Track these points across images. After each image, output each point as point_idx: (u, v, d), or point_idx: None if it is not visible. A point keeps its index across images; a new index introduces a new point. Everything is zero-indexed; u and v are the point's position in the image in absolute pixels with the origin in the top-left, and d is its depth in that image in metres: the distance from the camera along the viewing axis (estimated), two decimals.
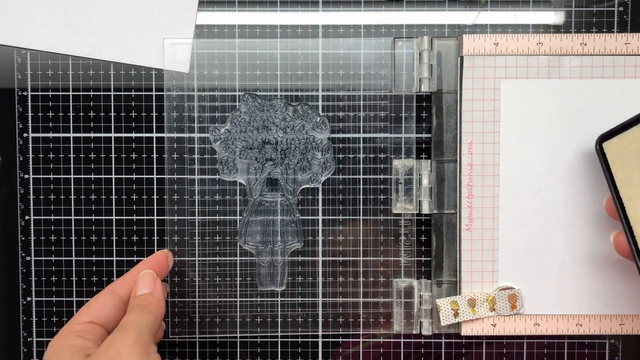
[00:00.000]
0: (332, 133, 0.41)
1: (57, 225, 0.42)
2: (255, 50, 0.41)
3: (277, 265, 0.42)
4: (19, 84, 0.41)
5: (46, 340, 0.42)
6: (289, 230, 0.41)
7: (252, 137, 0.41)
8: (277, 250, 0.41)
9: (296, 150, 0.41)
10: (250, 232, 0.41)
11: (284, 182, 0.41)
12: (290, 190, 0.41)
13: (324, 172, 0.41)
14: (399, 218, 0.41)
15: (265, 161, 0.41)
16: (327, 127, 0.41)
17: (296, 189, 0.41)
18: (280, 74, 0.41)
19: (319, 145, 0.41)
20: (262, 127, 0.41)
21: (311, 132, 0.41)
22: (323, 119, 0.41)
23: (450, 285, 0.41)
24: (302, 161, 0.41)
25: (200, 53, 0.41)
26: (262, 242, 0.41)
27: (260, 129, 0.41)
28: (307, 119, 0.41)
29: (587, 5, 0.41)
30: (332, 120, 0.41)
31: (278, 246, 0.41)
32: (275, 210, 0.41)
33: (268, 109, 0.41)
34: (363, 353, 0.42)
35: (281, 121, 0.41)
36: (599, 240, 0.40)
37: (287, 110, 0.41)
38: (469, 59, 0.40)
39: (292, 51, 0.41)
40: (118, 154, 0.42)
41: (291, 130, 0.41)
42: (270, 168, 0.41)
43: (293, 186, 0.41)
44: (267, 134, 0.41)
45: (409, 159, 0.41)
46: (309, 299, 0.42)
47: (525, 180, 0.40)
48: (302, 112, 0.41)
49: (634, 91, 0.40)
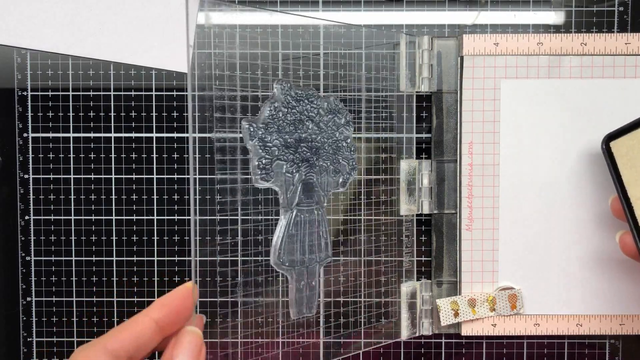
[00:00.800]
0: None
1: (57, 225, 0.42)
2: (256, 50, 0.41)
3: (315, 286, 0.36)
4: (19, 84, 0.41)
5: (46, 340, 0.42)
6: (322, 243, 0.36)
7: (288, 134, 0.34)
8: (313, 269, 0.35)
9: (329, 149, 0.35)
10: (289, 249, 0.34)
11: (318, 186, 0.35)
12: (322, 196, 0.35)
13: (352, 174, 0.37)
14: (401, 219, 0.41)
15: (300, 163, 0.35)
16: (352, 125, 0.38)
17: (325, 195, 0.36)
18: (280, 74, 0.41)
19: (349, 144, 0.36)
20: (298, 122, 0.35)
21: (342, 129, 0.36)
22: (350, 115, 0.37)
23: (451, 285, 0.41)
24: (334, 162, 0.36)
25: (200, 54, 0.41)
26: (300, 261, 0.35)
27: (297, 124, 0.35)
28: (339, 114, 0.36)
29: (587, 5, 0.41)
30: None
31: (314, 264, 0.35)
32: (312, 221, 0.35)
33: (303, 99, 0.35)
34: (363, 353, 0.42)
35: (316, 115, 0.35)
36: (599, 240, 0.40)
37: (321, 102, 0.35)
38: (469, 59, 0.40)
39: (293, 51, 0.41)
40: (118, 154, 0.42)
41: (325, 126, 0.35)
42: (306, 170, 0.35)
43: (325, 191, 0.36)
44: (302, 131, 0.35)
45: (412, 159, 0.41)
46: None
47: (525, 180, 0.40)
48: (335, 105, 0.36)
49: (634, 91, 0.40)
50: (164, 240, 0.42)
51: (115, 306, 0.42)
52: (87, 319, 0.42)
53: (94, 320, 0.42)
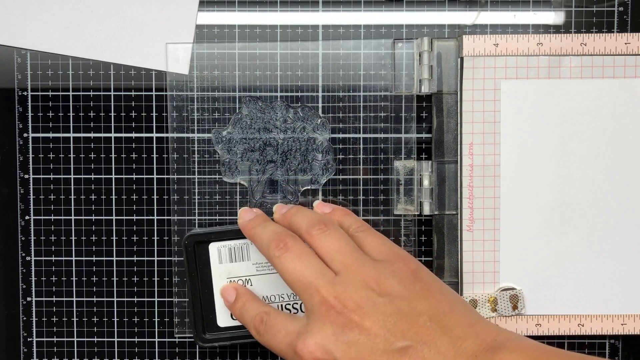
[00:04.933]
0: (332, 133, 0.41)
1: (57, 225, 0.42)
2: (255, 50, 0.41)
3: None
4: (19, 84, 0.41)
5: (46, 340, 0.42)
6: None
7: (253, 140, 0.41)
8: None
9: (297, 152, 0.41)
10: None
11: (285, 183, 0.41)
12: (291, 191, 0.41)
13: (324, 174, 0.41)
14: (399, 219, 0.41)
15: (266, 163, 0.41)
16: (328, 128, 0.41)
17: (297, 191, 0.41)
18: (280, 74, 0.41)
19: (319, 146, 0.41)
20: (263, 129, 0.41)
21: (312, 133, 0.41)
22: (323, 120, 0.41)
23: (452, 286, 0.41)
24: (303, 163, 0.41)
25: (200, 54, 0.41)
26: None
27: (262, 131, 0.41)
28: (308, 121, 0.41)
29: (587, 5, 0.41)
30: (332, 121, 0.41)
31: None
32: None
33: (269, 111, 0.41)
34: None
35: (282, 123, 0.41)
36: (601, 240, 0.40)
37: (287, 112, 0.41)
38: (469, 60, 0.40)
39: (292, 51, 0.41)
40: (118, 154, 0.42)
41: (292, 132, 0.41)
42: (272, 170, 0.41)
43: (294, 187, 0.41)
44: (268, 136, 0.41)
45: (409, 159, 0.41)
46: None
47: (526, 180, 0.40)
48: (303, 114, 0.41)
49: (634, 91, 0.40)
50: (164, 240, 0.42)
51: (115, 306, 0.42)
52: (87, 319, 0.42)
53: (94, 320, 0.42)
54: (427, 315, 0.31)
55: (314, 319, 0.31)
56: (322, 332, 0.30)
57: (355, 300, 0.31)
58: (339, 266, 0.32)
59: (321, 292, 0.31)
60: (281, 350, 0.33)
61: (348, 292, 0.31)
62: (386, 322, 0.30)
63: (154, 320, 0.42)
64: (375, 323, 0.30)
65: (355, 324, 0.30)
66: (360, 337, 0.30)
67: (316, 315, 0.31)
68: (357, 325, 0.30)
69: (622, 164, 0.40)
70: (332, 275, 0.32)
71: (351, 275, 0.32)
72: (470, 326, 0.31)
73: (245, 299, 0.37)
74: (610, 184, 0.40)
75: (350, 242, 0.34)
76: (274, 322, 0.34)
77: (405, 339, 0.30)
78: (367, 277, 0.32)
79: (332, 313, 0.31)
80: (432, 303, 0.31)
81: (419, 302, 0.31)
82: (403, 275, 0.32)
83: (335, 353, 0.30)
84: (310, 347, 0.30)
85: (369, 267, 0.32)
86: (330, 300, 0.31)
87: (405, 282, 0.32)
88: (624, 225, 0.40)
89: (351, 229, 0.36)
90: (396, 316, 0.30)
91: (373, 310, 0.30)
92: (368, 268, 0.32)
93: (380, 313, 0.30)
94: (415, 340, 0.30)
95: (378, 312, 0.30)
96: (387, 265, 0.33)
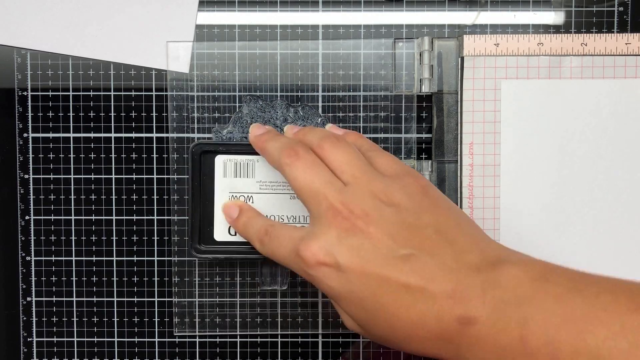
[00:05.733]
0: None
1: (57, 225, 0.42)
2: (255, 50, 0.41)
3: (279, 265, 0.41)
4: (19, 84, 0.41)
5: (46, 340, 0.42)
6: None
7: None
8: None
9: None
10: None
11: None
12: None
13: None
14: None
15: None
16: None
17: None
18: (280, 74, 0.41)
19: None
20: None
21: None
22: (324, 120, 0.41)
23: None
24: None
25: (200, 53, 0.41)
26: None
27: None
28: (308, 120, 0.41)
29: (587, 5, 0.41)
30: (332, 121, 0.41)
31: None
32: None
33: (269, 110, 0.41)
34: (363, 353, 0.42)
35: (282, 122, 0.40)
36: (601, 240, 0.40)
37: (288, 111, 0.41)
38: (470, 60, 0.40)
39: (292, 51, 0.41)
40: (118, 154, 0.42)
41: None
42: None
43: None
44: None
45: (409, 159, 0.41)
46: (309, 299, 0.42)
47: (526, 180, 0.40)
48: (303, 113, 0.41)
49: (634, 91, 0.40)
50: (164, 240, 0.42)
51: (115, 306, 0.42)
52: (87, 319, 0.42)
53: (94, 320, 0.42)
54: (433, 227, 0.30)
55: (319, 224, 0.31)
56: (326, 235, 0.30)
57: (363, 208, 0.30)
58: (349, 178, 0.32)
59: (329, 199, 0.31)
60: (284, 257, 0.32)
61: (356, 201, 0.31)
62: (391, 230, 0.30)
63: (154, 320, 0.42)
64: (380, 230, 0.30)
65: (360, 229, 0.30)
66: (364, 242, 0.30)
67: (322, 220, 0.31)
68: (361, 231, 0.30)
69: (622, 164, 0.40)
70: (341, 185, 0.32)
71: (360, 186, 0.31)
72: (476, 243, 0.30)
73: (250, 214, 0.37)
74: (610, 184, 0.40)
75: (361, 157, 0.33)
76: (279, 232, 0.34)
77: (408, 247, 0.29)
78: (376, 189, 0.31)
79: (338, 218, 0.30)
80: (439, 217, 0.31)
81: (426, 215, 0.31)
82: (412, 190, 0.32)
83: (337, 256, 0.30)
84: (313, 249, 0.30)
85: (378, 181, 0.32)
86: (337, 206, 0.30)
87: (413, 197, 0.31)
88: (624, 225, 0.40)
89: (363, 148, 0.35)
90: (401, 225, 0.30)
91: (379, 218, 0.30)
92: (377, 181, 0.32)
93: (386, 221, 0.30)
94: (418, 249, 0.29)
95: (384, 220, 0.30)
96: (396, 180, 0.32)
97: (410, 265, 0.29)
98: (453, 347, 0.28)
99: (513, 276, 0.28)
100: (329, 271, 0.30)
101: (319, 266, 0.30)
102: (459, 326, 0.28)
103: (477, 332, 0.27)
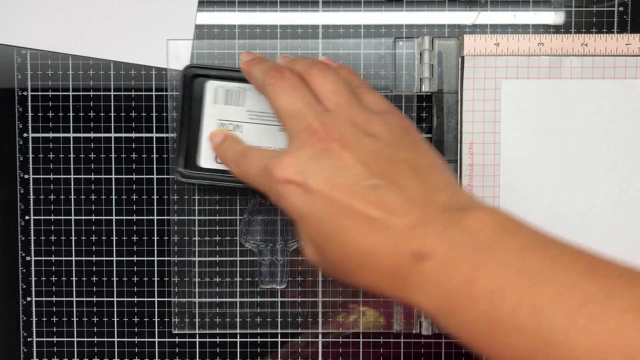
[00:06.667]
0: None
1: (57, 225, 0.42)
2: (255, 50, 0.41)
3: (278, 264, 0.42)
4: (19, 84, 0.41)
5: (46, 340, 0.42)
6: (290, 229, 0.41)
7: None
8: (277, 249, 0.41)
9: None
10: (252, 231, 0.41)
11: None
12: None
13: None
14: None
15: None
16: None
17: None
18: None
19: None
20: None
21: None
22: None
23: None
24: None
25: (200, 53, 0.41)
26: (263, 240, 0.41)
27: None
28: None
29: (587, 5, 0.41)
30: None
31: (279, 245, 0.41)
32: (276, 210, 0.41)
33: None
34: (363, 353, 0.42)
35: None
36: (601, 240, 0.40)
37: None
38: (470, 59, 0.40)
39: (293, 51, 0.41)
40: (118, 154, 0.42)
41: None
42: None
43: None
44: None
45: None
46: (309, 299, 0.42)
47: (526, 180, 0.40)
48: None
49: (634, 92, 0.40)
50: (164, 240, 0.42)
51: (115, 306, 0.42)
52: (87, 319, 0.42)
53: (94, 320, 0.42)
54: (408, 163, 0.30)
55: (294, 142, 0.31)
56: (299, 153, 0.30)
57: (341, 132, 0.30)
58: (332, 105, 0.31)
59: (308, 119, 0.30)
60: (255, 176, 0.32)
61: (335, 125, 0.30)
62: (365, 158, 0.29)
63: (154, 320, 0.42)
64: (354, 156, 0.29)
65: (334, 152, 0.29)
66: (335, 166, 0.29)
67: (298, 139, 0.30)
68: (335, 154, 0.29)
69: (622, 165, 0.40)
70: (323, 109, 0.31)
71: (342, 113, 0.31)
72: (450, 185, 0.30)
73: (233, 140, 0.37)
74: (610, 183, 0.40)
75: (349, 88, 0.33)
76: (254, 153, 0.34)
77: (379, 178, 0.29)
78: (358, 118, 0.31)
79: (313, 138, 0.30)
80: (416, 156, 0.30)
81: (403, 151, 0.30)
82: (394, 126, 0.31)
83: (306, 175, 0.29)
84: (283, 164, 0.30)
85: (361, 112, 0.31)
86: (315, 127, 0.30)
87: (394, 133, 0.31)
88: (625, 226, 0.40)
89: (353, 84, 0.35)
90: (377, 155, 0.30)
91: (355, 145, 0.30)
92: (360, 112, 0.31)
93: (362, 149, 0.30)
94: (390, 181, 0.29)
95: (360, 147, 0.30)
96: (380, 115, 0.32)
97: (376, 195, 0.28)
98: (400, 284, 0.28)
99: (478, 221, 0.27)
100: (295, 189, 0.29)
101: (287, 183, 0.30)
102: (411, 261, 0.27)
103: (428, 269, 0.27)
